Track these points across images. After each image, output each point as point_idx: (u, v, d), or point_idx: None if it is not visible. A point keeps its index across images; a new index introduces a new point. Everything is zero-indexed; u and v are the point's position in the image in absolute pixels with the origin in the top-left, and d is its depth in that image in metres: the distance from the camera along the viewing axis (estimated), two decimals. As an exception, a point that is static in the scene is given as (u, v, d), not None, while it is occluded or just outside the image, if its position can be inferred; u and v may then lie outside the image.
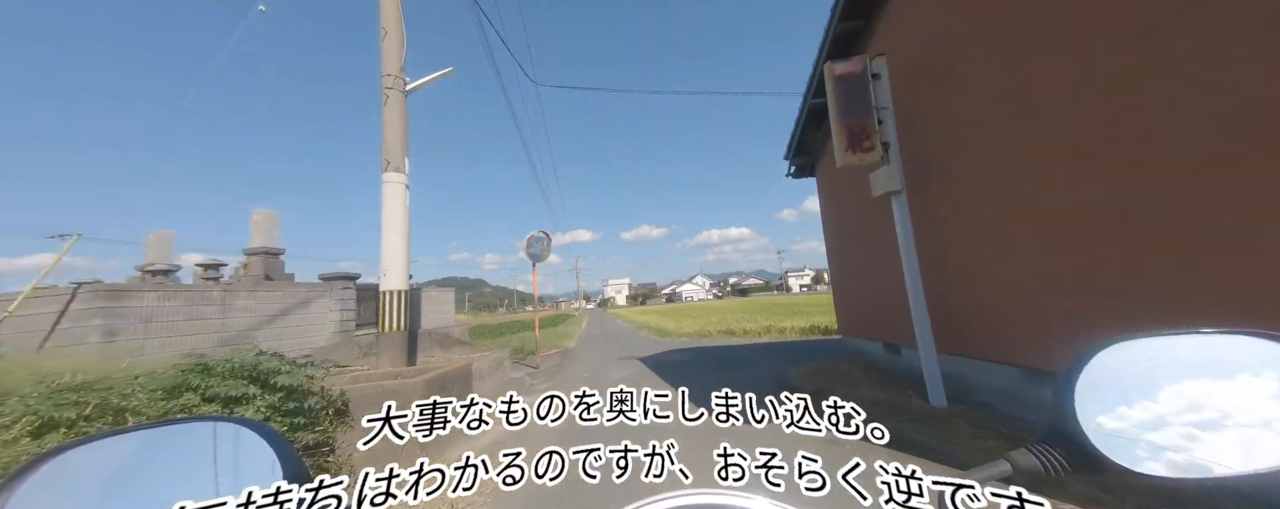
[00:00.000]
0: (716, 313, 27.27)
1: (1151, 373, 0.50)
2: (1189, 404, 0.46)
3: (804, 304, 28.55)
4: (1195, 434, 0.45)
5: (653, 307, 76.20)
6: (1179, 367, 0.49)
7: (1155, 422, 0.47)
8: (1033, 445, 0.52)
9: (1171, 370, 0.49)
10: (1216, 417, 0.45)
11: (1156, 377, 0.49)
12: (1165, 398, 0.48)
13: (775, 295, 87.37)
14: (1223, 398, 0.46)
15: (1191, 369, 0.49)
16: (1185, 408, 0.46)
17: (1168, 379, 0.49)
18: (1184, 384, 0.48)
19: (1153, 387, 0.49)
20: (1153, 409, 0.48)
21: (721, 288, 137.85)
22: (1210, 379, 0.47)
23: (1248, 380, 0.47)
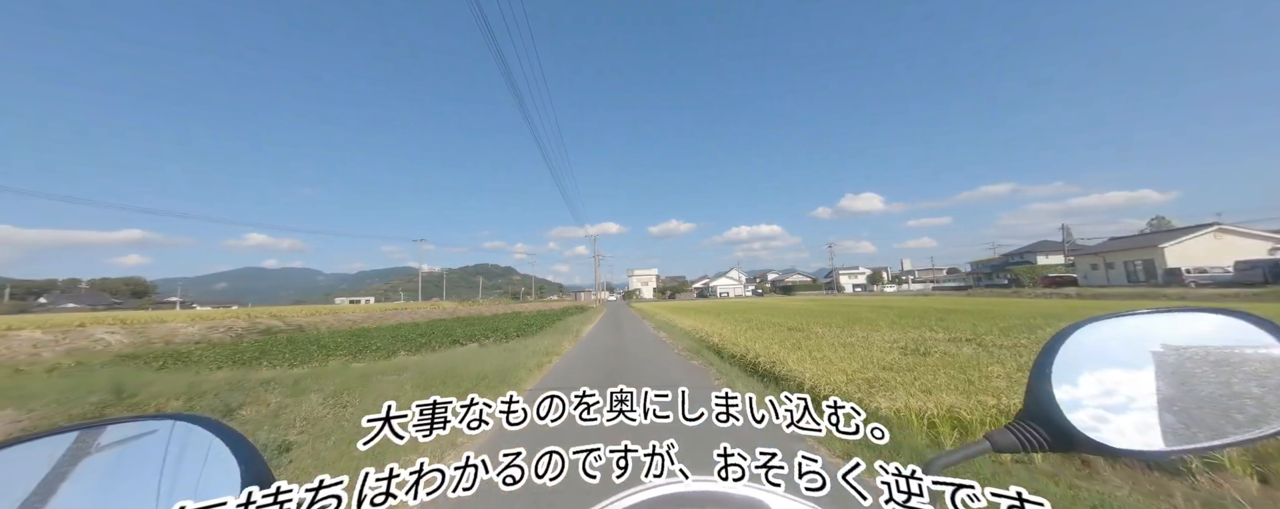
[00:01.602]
0: (783, 315, 17.24)
1: (1124, 352, 0.51)
2: (1161, 381, 0.48)
3: (878, 308, 19.97)
4: (1167, 410, 0.47)
5: (683, 302, 63.41)
6: (1150, 345, 0.50)
7: (1129, 399, 0.48)
8: (1011, 424, 0.53)
9: (1144, 349, 0.50)
10: (1187, 393, 0.47)
11: (1130, 355, 0.51)
12: (1138, 376, 0.49)
13: (827, 295, 72.03)
14: (1193, 375, 0.48)
15: (1162, 347, 0.50)
16: (1157, 385, 0.48)
17: (1141, 358, 0.50)
18: (1156, 362, 0.49)
19: (1126, 365, 0.50)
20: (1127, 387, 0.49)
21: (759, 284, 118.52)
22: (1180, 356, 0.49)
23: (1217, 357, 0.48)
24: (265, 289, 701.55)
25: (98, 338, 16.39)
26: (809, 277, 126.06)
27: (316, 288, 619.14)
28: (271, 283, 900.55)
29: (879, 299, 38.78)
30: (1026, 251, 71.67)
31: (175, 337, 18.46)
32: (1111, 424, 0.47)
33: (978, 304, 22.01)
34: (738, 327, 13.01)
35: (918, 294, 57.76)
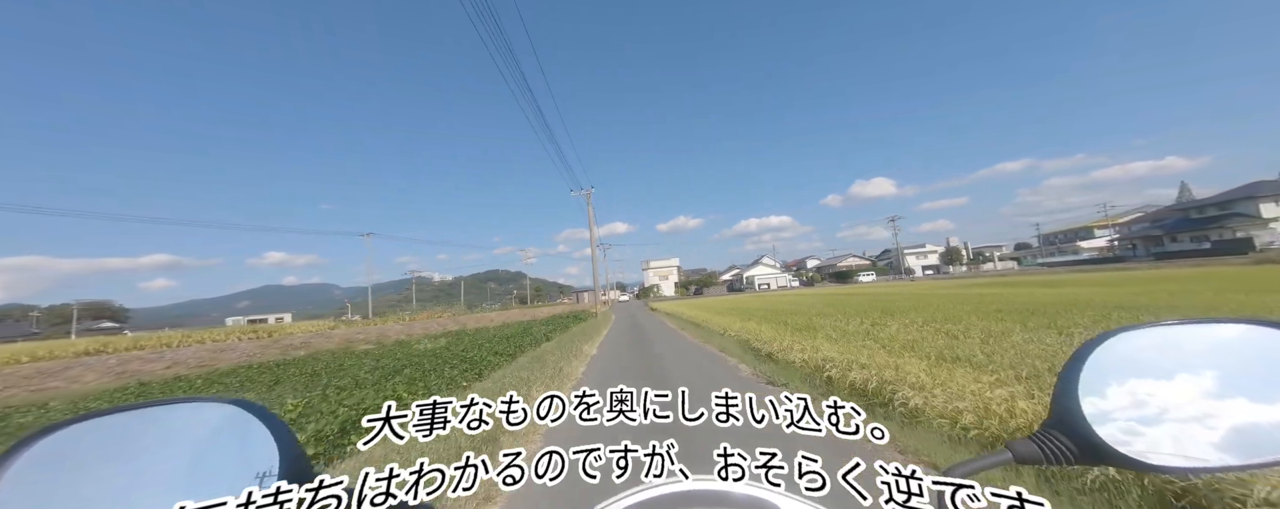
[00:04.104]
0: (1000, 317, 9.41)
1: (1158, 363, 0.48)
2: (1195, 395, 0.45)
3: (1068, 303, 11.42)
4: (1200, 425, 0.44)
5: (715, 299, 49.40)
6: (1185, 357, 0.48)
7: (1160, 412, 0.46)
8: (1035, 434, 0.51)
9: (1178, 360, 0.48)
10: (1222, 408, 0.44)
11: (1163, 366, 0.48)
12: (1172, 388, 0.46)
13: (895, 282, 58.96)
14: (1229, 389, 0.45)
15: (1198, 359, 0.48)
16: (1191, 398, 0.45)
17: (1174, 369, 0.47)
18: (1190, 374, 0.47)
19: (1158, 376, 0.48)
20: (1158, 399, 0.46)
21: (799, 272, 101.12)
22: (1216, 369, 0.46)
23: (1253, 370, 0.46)
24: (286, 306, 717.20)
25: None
26: (866, 258, 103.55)
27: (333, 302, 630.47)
28: (291, 298, 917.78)
29: (945, 285, 29.66)
30: (1226, 201, 43.94)
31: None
32: (1143, 437, 0.45)
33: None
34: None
35: (1050, 272, 44.37)
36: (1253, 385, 0.45)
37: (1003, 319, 9.33)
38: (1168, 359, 0.48)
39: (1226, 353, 0.48)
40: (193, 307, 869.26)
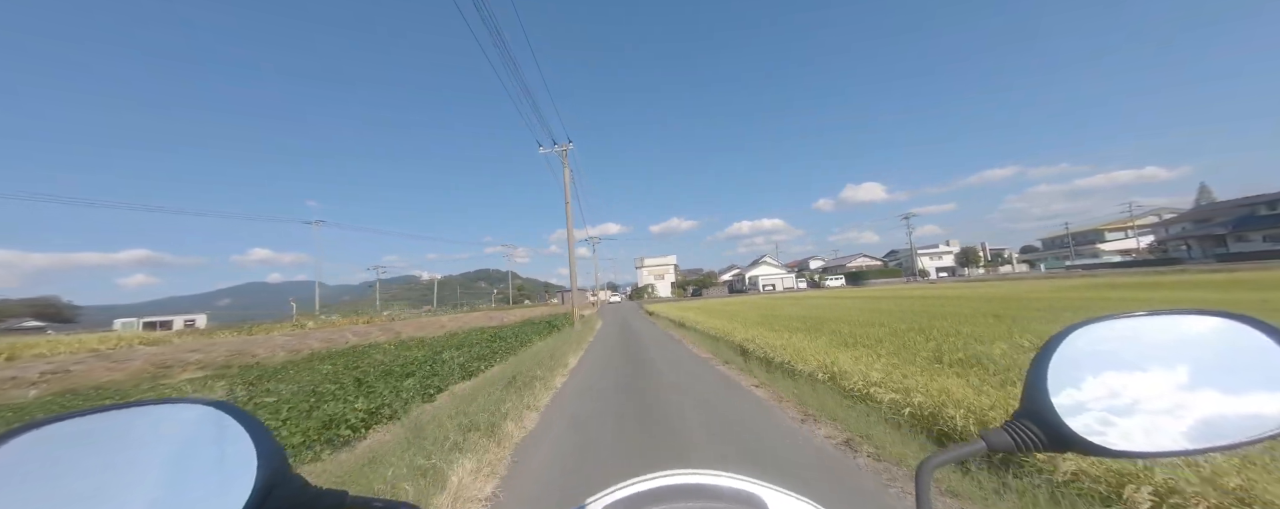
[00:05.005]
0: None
1: (1121, 353, 0.51)
2: (1156, 383, 0.48)
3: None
4: (1163, 412, 0.46)
5: (716, 300, 44.69)
6: (1147, 347, 0.50)
7: (1125, 400, 0.48)
8: (1007, 424, 0.52)
9: (1140, 351, 0.50)
10: (1181, 395, 0.47)
11: (1126, 357, 0.50)
12: (1134, 378, 0.49)
13: (910, 284, 53.51)
14: (1187, 377, 0.47)
15: (1159, 350, 0.50)
16: (1152, 387, 0.48)
17: (1137, 359, 0.50)
18: (1152, 364, 0.49)
19: (1122, 367, 0.50)
20: (1122, 388, 0.49)
21: (801, 273, 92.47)
22: (1176, 358, 0.49)
23: (1213, 359, 0.48)
24: (269, 304, 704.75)
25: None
26: (877, 259, 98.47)
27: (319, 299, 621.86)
28: (275, 297, 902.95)
29: (967, 288, 25.23)
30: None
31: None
32: (1107, 425, 0.47)
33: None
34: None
35: (1086, 275, 38.75)
36: (1211, 374, 0.47)
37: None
38: (1134, 350, 0.50)
39: (1188, 344, 0.49)
40: (172, 303, 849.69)
